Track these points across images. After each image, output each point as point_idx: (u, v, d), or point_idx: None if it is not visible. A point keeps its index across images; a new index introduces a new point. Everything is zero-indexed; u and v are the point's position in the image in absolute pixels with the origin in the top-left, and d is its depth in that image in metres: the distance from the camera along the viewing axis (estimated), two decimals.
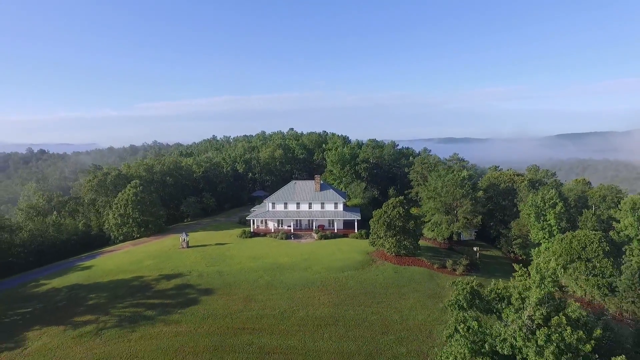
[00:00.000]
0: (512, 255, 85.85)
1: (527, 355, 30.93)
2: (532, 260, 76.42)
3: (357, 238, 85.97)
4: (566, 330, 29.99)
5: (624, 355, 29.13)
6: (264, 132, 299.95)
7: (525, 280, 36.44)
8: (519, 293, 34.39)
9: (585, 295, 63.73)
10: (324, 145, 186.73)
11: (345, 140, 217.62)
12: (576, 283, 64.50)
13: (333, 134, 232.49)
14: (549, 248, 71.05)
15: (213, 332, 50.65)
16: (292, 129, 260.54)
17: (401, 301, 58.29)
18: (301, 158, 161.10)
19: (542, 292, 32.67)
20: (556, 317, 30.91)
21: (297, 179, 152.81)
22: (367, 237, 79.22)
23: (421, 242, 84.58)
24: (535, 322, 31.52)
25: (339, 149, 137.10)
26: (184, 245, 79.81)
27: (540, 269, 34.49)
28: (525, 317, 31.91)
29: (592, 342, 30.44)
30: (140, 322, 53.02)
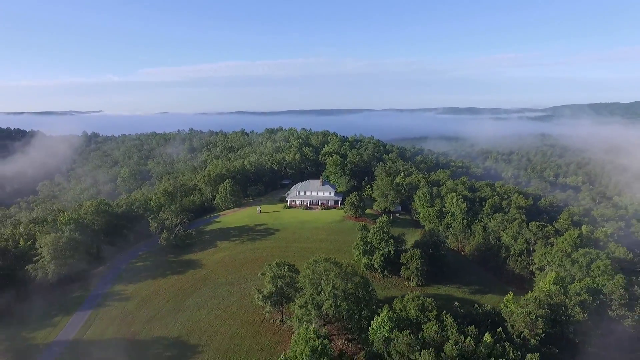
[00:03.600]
0: (414, 218, 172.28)
1: (373, 240, 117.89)
2: (418, 220, 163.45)
3: (339, 209, 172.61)
4: (385, 236, 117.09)
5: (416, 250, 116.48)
6: (281, 128, 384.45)
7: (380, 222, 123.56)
8: (373, 226, 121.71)
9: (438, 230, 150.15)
10: (326, 147, 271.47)
11: (342, 140, 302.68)
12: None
13: (333, 135, 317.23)
14: (422, 215, 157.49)
15: (282, 242, 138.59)
16: (304, 129, 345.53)
17: (353, 234, 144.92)
18: (311, 159, 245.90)
19: (379, 225, 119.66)
20: (379, 231, 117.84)
21: (308, 172, 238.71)
22: (343, 209, 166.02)
23: (370, 211, 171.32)
24: (378, 234, 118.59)
25: (334, 157, 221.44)
26: (259, 212, 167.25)
27: (379, 219, 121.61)
28: (373, 231, 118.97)
29: (391, 240, 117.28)
30: (254, 240, 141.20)
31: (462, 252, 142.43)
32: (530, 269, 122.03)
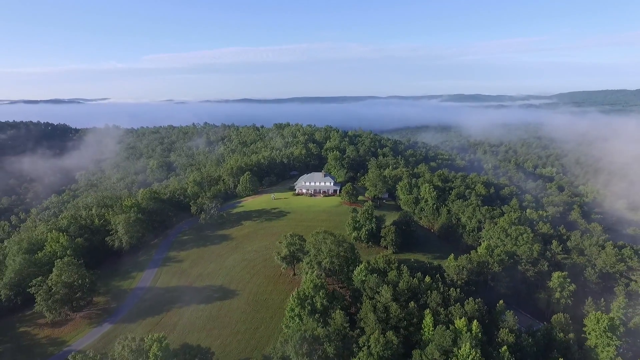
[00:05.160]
0: (397, 203, 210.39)
1: (361, 219, 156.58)
2: (400, 205, 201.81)
3: (337, 197, 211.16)
4: (369, 216, 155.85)
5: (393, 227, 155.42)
6: (289, 124, 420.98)
7: (365, 206, 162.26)
8: (361, 209, 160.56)
9: (413, 213, 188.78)
10: (328, 142, 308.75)
11: (342, 135, 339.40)
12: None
13: (335, 131, 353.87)
14: (402, 201, 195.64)
15: (293, 221, 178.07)
16: (309, 125, 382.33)
17: (347, 215, 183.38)
18: (315, 153, 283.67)
19: (365, 209, 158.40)
20: (365, 212, 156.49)
21: (312, 165, 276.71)
22: (340, 196, 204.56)
23: (362, 198, 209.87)
24: (364, 215, 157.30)
25: (334, 152, 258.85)
26: (273, 199, 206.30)
27: (365, 204, 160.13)
28: (361, 213, 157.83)
29: (374, 219, 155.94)
30: (271, 220, 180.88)
31: (432, 230, 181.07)
32: (479, 241, 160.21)
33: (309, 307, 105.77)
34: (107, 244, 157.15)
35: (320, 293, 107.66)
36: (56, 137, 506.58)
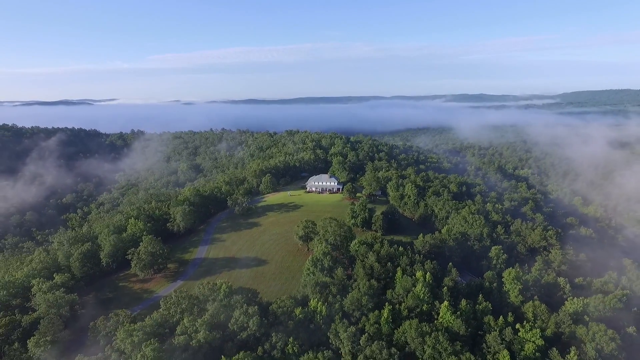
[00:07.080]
0: (387, 199, 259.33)
1: (357, 210, 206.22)
2: (389, 200, 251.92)
3: (340, 194, 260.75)
4: (364, 208, 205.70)
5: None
6: (298, 130, 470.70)
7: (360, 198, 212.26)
8: (358, 203, 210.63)
9: (399, 206, 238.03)
10: (332, 148, 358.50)
11: (345, 142, 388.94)
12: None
13: (339, 138, 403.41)
14: (391, 197, 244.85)
15: (306, 212, 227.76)
16: (317, 132, 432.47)
17: (347, 208, 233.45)
18: (322, 158, 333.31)
19: (360, 202, 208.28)
20: (360, 205, 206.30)
21: (320, 168, 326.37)
22: (342, 193, 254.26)
23: (360, 195, 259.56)
24: (360, 207, 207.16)
25: (338, 157, 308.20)
26: (289, 195, 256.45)
27: (360, 198, 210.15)
28: (357, 205, 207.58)
29: (367, 210, 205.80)
30: (289, 211, 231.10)
31: (413, 219, 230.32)
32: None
33: (320, 267, 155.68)
34: (168, 229, 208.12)
35: (327, 258, 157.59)
36: (92, 141, 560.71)
